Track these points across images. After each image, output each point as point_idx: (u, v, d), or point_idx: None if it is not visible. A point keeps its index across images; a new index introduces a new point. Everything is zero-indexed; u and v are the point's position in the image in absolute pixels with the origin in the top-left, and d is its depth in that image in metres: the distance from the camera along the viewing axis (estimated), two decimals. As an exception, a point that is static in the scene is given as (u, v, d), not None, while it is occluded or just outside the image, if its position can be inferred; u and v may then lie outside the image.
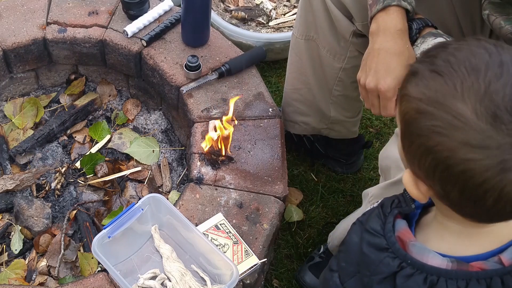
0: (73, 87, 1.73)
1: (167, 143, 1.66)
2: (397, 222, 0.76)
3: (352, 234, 0.82)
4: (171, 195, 1.50)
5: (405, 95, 0.67)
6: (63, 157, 1.60)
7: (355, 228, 0.83)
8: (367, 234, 0.77)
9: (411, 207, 0.77)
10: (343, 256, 0.83)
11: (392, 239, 0.73)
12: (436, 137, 0.62)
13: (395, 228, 0.75)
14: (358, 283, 0.78)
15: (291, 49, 1.49)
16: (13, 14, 1.64)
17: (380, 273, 0.73)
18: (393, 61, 1.05)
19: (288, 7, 2.17)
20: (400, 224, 0.76)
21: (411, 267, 0.70)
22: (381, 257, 0.73)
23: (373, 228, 0.77)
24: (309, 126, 1.60)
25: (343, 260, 0.82)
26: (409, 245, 0.72)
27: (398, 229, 0.75)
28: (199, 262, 1.21)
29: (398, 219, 0.77)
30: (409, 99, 0.66)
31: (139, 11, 1.62)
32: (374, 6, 1.08)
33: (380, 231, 0.76)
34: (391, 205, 0.79)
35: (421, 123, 0.64)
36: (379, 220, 0.78)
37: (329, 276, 0.84)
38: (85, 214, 1.46)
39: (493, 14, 1.06)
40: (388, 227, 0.75)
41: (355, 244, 0.80)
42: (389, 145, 1.13)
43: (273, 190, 1.34)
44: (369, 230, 0.77)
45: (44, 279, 1.35)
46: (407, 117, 0.66)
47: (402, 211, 0.78)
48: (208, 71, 1.54)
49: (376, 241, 0.75)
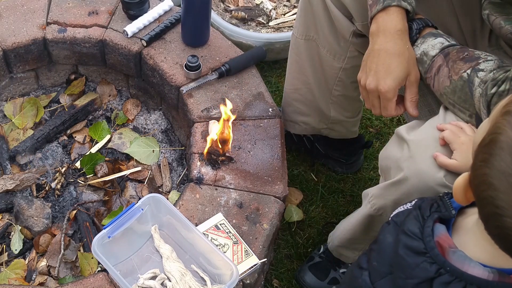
0: (73, 87, 1.73)
1: (167, 143, 1.66)
2: (437, 226, 0.75)
3: (386, 233, 0.80)
4: (171, 195, 1.50)
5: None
6: (63, 157, 1.60)
7: (389, 228, 0.81)
8: (404, 236, 0.75)
9: (451, 213, 0.76)
10: (375, 256, 0.81)
11: (431, 244, 0.72)
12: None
13: (434, 233, 0.74)
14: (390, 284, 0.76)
15: (291, 49, 1.49)
16: (13, 14, 1.64)
17: (416, 277, 0.71)
18: (393, 61, 1.05)
19: (288, 7, 2.17)
20: (440, 229, 0.74)
21: (450, 274, 0.69)
22: (418, 261, 0.72)
23: (411, 230, 0.75)
24: (309, 126, 1.60)
25: (375, 259, 0.81)
26: (449, 252, 0.71)
27: (437, 234, 0.74)
28: (199, 262, 1.21)
29: (437, 224, 0.75)
30: None
31: (139, 11, 1.62)
32: (374, 6, 1.08)
33: (418, 234, 0.74)
34: (430, 209, 0.77)
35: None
36: (418, 222, 0.76)
37: (358, 273, 0.82)
38: (85, 214, 1.46)
39: (493, 14, 1.06)
40: (427, 230, 0.74)
41: (389, 244, 0.78)
42: (389, 145, 1.13)
43: (273, 190, 1.34)
44: (406, 232, 0.75)
45: (44, 279, 1.35)
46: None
47: (442, 216, 0.76)
48: (208, 71, 1.54)
49: (413, 244, 0.73)
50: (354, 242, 1.36)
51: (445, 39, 1.06)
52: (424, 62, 1.06)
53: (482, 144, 0.66)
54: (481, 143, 0.66)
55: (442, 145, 0.98)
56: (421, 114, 1.20)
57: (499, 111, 0.67)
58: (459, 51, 1.02)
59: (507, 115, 0.64)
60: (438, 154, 0.96)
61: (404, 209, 0.84)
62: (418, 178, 0.99)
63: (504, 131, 0.63)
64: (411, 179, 1.00)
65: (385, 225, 0.83)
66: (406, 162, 1.02)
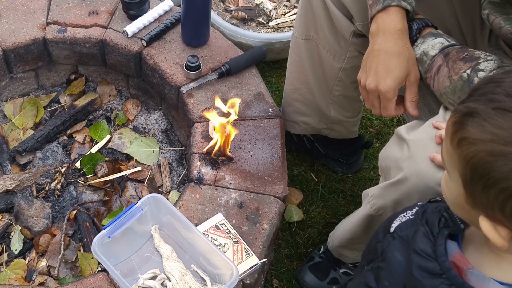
0: (73, 87, 1.73)
1: (167, 143, 1.66)
2: (449, 245, 0.73)
3: (394, 251, 0.78)
4: (171, 195, 1.50)
5: (466, 138, 0.63)
6: (63, 157, 1.60)
7: (396, 244, 0.79)
8: (417, 257, 0.73)
9: (459, 227, 0.74)
10: (386, 275, 0.79)
11: (446, 265, 0.70)
12: None
13: (448, 252, 0.72)
14: None
15: (291, 49, 1.49)
16: (13, 14, 1.64)
17: None
18: (393, 61, 1.05)
19: (288, 7, 2.17)
20: (453, 248, 0.72)
21: None
22: (435, 284, 0.70)
23: (423, 250, 0.73)
24: (309, 126, 1.60)
25: (385, 279, 0.78)
26: (467, 272, 0.69)
27: (451, 253, 0.72)
28: (199, 262, 1.21)
29: (449, 241, 0.73)
30: (474, 142, 0.62)
31: (139, 11, 1.62)
32: (374, 6, 1.08)
33: (431, 254, 0.72)
34: (439, 224, 0.75)
35: (501, 165, 0.60)
36: (429, 241, 0.74)
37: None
38: (85, 214, 1.46)
39: (492, 13, 1.06)
40: (440, 250, 0.72)
41: (400, 263, 0.76)
42: (389, 145, 1.13)
43: (273, 190, 1.34)
44: (418, 252, 0.73)
45: (44, 279, 1.35)
46: (475, 161, 0.62)
47: (452, 231, 0.74)
48: (208, 71, 1.54)
49: (428, 266, 0.71)
50: (354, 242, 1.36)
51: (445, 39, 1.06)
52: (424, 62, 1.06)
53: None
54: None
55: (438, 143, 0.98)
56: (421, 114, 1.20)
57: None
58: (459, 51, 1.02)
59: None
60: (435, 155, 0.96)
61: (407, 220, 0.81)
62: (418, 178, 0.99)
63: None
64: (411, 179, 1.00)
65: (390, 239, 0.80)
66: (406, 162, 1.02)
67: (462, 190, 0.68)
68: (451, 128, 0.67)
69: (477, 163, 0.62)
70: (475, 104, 0.64)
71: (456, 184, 0.68)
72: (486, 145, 0.61)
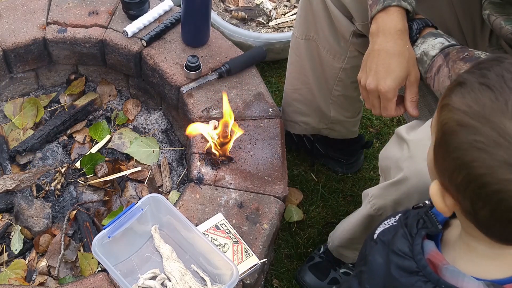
0: (73, 87, 1.73)
1: (167, 143, 1.66)
2: (426, 243, 0.74)
3: (375, 254, 0.79)
4: (171, 195, 1.50)
5: (448, 104, 0.65)
6: (63, 157, 1.60)
7: (378, 248, 0.80)
8: (394, 256, 0.75)
9: (437, 228, 0.75)
10: (367, 278, 0.80)
11: (422, 262, 0.71)
12: (476, 153, 0.60)
13: (424, 250, 0.73)
14: None
15: (291, 49, 1.49)
16: (13, 14, 1.64)
17: None
18: (393, 61, 1.05)
19: (288, 7, 2.17)
20: (429, 246, 0.74)
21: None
22: (412, 281, 0.71)
23: (400, 249, 0.74)
24: (309, 126, 1.60)
25: (367, 282, 0.80)
26: (442, 268, 0.70)
27: (427, 251, 0.73)
28: (199, 262, 1.21)
29: (426, 241, 0.75)
30: (452, 110, 0.64)
31: (139, 11, 1.62)
32: (374, 6, 1.08)
33: (409, 253, 0.73)
34: (417, 226, 0.76)
35: (462, 136, 0.62)
36: (406, 241, 0.75)
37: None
38: (85, 214, 1.46)
39: (493, 14, 1.06)
40: (417, 248, 0.73)
41: (380, 265, 0.77)
42: (389, 145, 1.13)
43: (273, 190, 1.34)
44: (396, 251, 0.75)
45: (44, 279, 1.35)
46: (446, 127, 0.64)
47: (429, 232, 0.75)
48: (208, 71, 1.54)
49: (405, 264, 0.73)
50: (354, 242, 1.36)
51: (445, 39, 1.06)
52: (424, 62, 1.06)
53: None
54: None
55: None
56: (421, 114, 1.20)
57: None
58: (459, 51, 1.02)
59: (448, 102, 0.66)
60: None
61: (390, 226, 0.83)
62: (418, 178, 0.99)
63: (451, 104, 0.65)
64: (411, 179, 1.00)
65: (372, 244, 0.82)
66: (406, 162, 1.02)
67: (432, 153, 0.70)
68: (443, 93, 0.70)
69: (446, 129, 0.65)
70: (469, 75, 0.65)
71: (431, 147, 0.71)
72: (458, 115, 0.63)
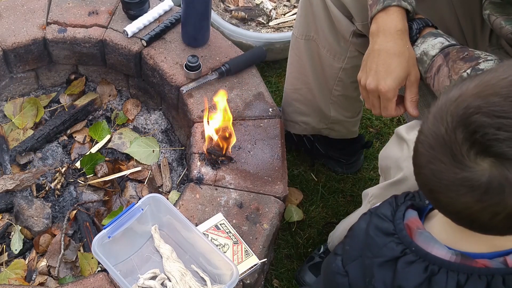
0: (73, 87, 1.73)
1: (167, 143, 1.66)
2: (408, 211, 0.77)
3: (361, 221, 0.83)
4: (171, 195, 1.50)
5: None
6: (63, 157, 1.60)
7: (365, 216, 0.84)
8: (376, 218, 0.78)
9: (424, 202, 0.78)
10: (349, 241, 0.84)
11: (400, 226, 0.74)
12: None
13: (405, 217, 0.76)
14: (359, 266, 0.79)
15: (291, 49, 1.49)
16: (13, 14, 1.64)
17: (382, 256, 0.74)
18: (393, 61, 1.05)
19: (288, 7, 2.17)
20: (411, 213, 0.77)
21: (414, 254, 0.71)
22: (386, 241, 0.74)
23: (383, 213, 0.78)
24: (309, 126, 1.60)
25: (347, 244, 0.83)
26: (416, 233, 0.73)
27: (407, 217, 0.76)
28: (199, 262, 1.21)
29: (409, 210, 0.78)
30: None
31: (139, 11, 1.62)
32: (374, 6, 1.08)
33: (389, 217, 0.77)
34: (405, 197, 0.80)
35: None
36: (390, 207, 0.79)
37: (332, 259, 0.85)
38: (85, 214, 1.46)
39: (493, 14, 1.06)
40: (399, 214, 0.76)
41: (362, 229, 0.81)
42: (389, 145, 1.13)
43: (273, 190, 1.34)
44: (378, 214, 0.78)
45: (44, 279, 1.35)
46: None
47: (416, 204, 0.79)
48: (208, 71, 1.54)
49: (384, 225, 0.76)
50: (354, 242, 1.37)
51: (445, 39, 1.06)
52: (424, 62, 1.06)
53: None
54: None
55: None
56: (421, 114, 1.20)
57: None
58: (459, 51, 1.02)
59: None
60: None
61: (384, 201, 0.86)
62: (418, 178, 0.99)
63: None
64: (411, 179, 1.00)
65: (363, 215, 0.86)
66: (406, 162, 1.02)
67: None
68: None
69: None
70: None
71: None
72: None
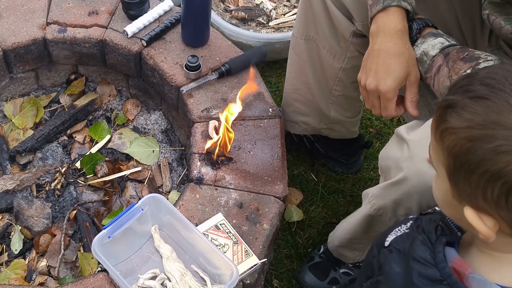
0: (73, 87, 1.73)
1: (167, 143, 1.66)
2: (447, 251, 0.72)
3: (392, 263, 0.77)
4: (171, 195, 1.50)
5: (447, 129, 0.65)
6: (63, 157, 1.60)
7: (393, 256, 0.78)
8: (416, 264, 0.73)
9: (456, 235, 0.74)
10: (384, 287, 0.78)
11: (446, 270, 0.69)
12: (503, 157, 0.59)
13: (447, 258, 0.71)
14: None
15: (291, 49, 1.49)
16: (13, 14, 1.64)
17: None
18: (393, 61, 1.05)
19: (288, 7, 2.17)
20: (452, 254, 0.72)
21: None
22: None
23: (422, 257, 0.72)
24: (309, 126, 1.60)
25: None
26: (468, 277, 0.68)
27: (450, 259, 0.71)
28: (199, 262, 1.21)
29: (447, 248, 0.73)
30: (454, 132, 0.64)
31: (139, 11, 1.62)
32: (374, 6, 1.08)
33: (431, 261, 0.71)
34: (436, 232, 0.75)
35: (480, 149, 0.61)
36: (427, 248, 0.73)
37: None
38: (85, 214, 1.46)
39: (493, 14, 1.06)
40: (439, 256, 0.71)
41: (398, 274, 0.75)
42: (389, 145, 1.13)
43: (273, 190, 1.34)
44: (418, 259, 0.73)
45: (44, 279, 1.35)
46: (457, 149, 0.63)
47: (450, 239, 0.74)
48: (208, 71, 1.54)
49: (428, 272, 0.71)
50: (354, 242, 1.36)
51: (445, 39, 1.06)
52: (424, 62, 1.06)
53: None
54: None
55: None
56: (421, 114, 1.20)
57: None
58: (459, 51, 1.02)
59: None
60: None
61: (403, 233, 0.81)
62: (418, 178, 0.99)
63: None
64: (411, 179, 1.00)
65: (387, 253, 0.80)
66: (406, 162, 1.02)
67: (448, 184, 0.68)
68: (434, 123, 0.69)
69: (458, 151, 0.64)
70: (453, 96, 0.66)
71: (443, 179, 0.69)
72: (464, 132, 0.63)
